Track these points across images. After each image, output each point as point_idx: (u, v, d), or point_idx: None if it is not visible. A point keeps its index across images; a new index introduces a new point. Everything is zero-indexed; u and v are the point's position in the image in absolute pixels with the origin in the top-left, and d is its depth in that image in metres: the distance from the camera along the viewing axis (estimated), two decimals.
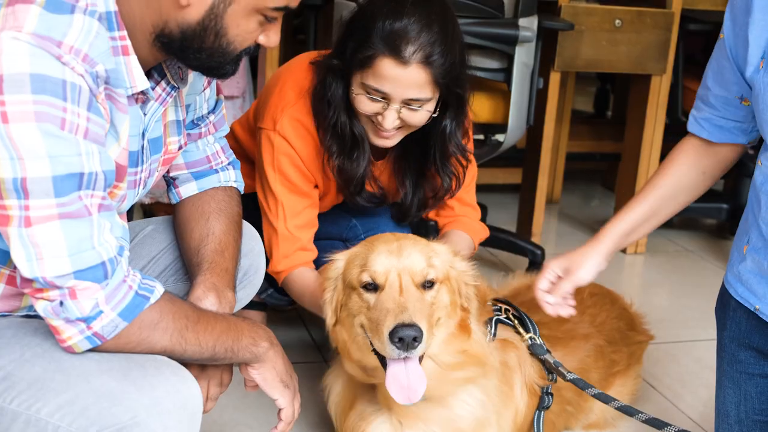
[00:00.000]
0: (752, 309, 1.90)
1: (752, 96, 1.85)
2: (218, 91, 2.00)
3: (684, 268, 3.71)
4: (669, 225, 4.37)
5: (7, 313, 1.67)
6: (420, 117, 2.24)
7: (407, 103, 2.20)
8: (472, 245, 2.58)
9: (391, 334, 1.80)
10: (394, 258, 1.93)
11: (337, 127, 2.31)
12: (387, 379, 1.88)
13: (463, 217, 2.59)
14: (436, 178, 2.47)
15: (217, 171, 2.01)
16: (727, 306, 2.01)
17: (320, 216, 2.52)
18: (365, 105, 2.22)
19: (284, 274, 2.40)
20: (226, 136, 2.76)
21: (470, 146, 2.56)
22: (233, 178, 2.04)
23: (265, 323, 2.83)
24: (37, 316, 1.55)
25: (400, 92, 2.17)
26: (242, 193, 2.08)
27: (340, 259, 2.04)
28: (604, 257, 2.09)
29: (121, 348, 1.55)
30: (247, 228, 2.09)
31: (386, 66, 2.15)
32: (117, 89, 1.55)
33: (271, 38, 1.64)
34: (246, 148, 2.63)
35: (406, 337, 1.79)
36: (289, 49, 4.36)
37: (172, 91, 1.73)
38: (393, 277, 1.91)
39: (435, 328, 1.94)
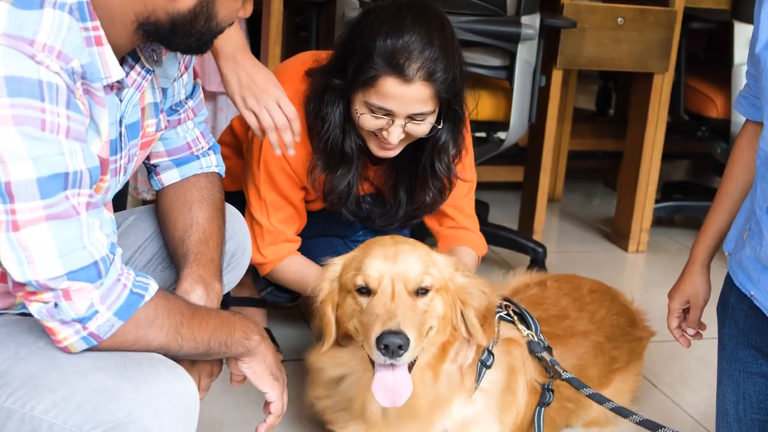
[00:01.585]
0: (748, 295, 1.90)
1: (757, 72, 1.88)
2: (195, 76, 1.97)
3: None
4: (671, 223, 4.39)
5: (2, 311, 1.66)
6: (424, 128, 2.25)
7: (411, 117, 2.20)
8: (477, 261, 2.58)
9: (378, 340, 1.81)
10: (389, 263, 1.93)
11: (329, 143, 2.30)
12: (374, 381, 1.89)
13: (468, 231, 2.58)
14: (422, 192, 2.46)
15: (198, 157, 1.98)
16: (726, 304, 2.02)
17: (319, 213, 2.52)
18: (369, 122, 2.22)
19: (272, 265, 2.42)
20: (224, 132, 2.78)
21: (468, 163, 2.55)
22: (214, 162, 2.02)
23: (266, 321, 2.83)
24: (32, 314, 1.54)
25: (404, 109, 2.17)
26: (223, 176, 2.06)
27: (337, 263, 2.04)
28: (707, 271, 2.17)
29: (118, 347, 1.53)
30: (231, 210, 2.08)
31: (390, 85, 2.14)
32: (94, 83, 1.52)
33: (248, 9, 1.64)
34: (244, 144, 2.63)
35: (391, 345, 1.80)
36: (290, 47, 4.36)
37: (147, 75, 1.70)
38: (386, 282, 1.91)
39: (425, 338, 1.93)
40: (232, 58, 2.07)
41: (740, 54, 3.67)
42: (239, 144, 2.66)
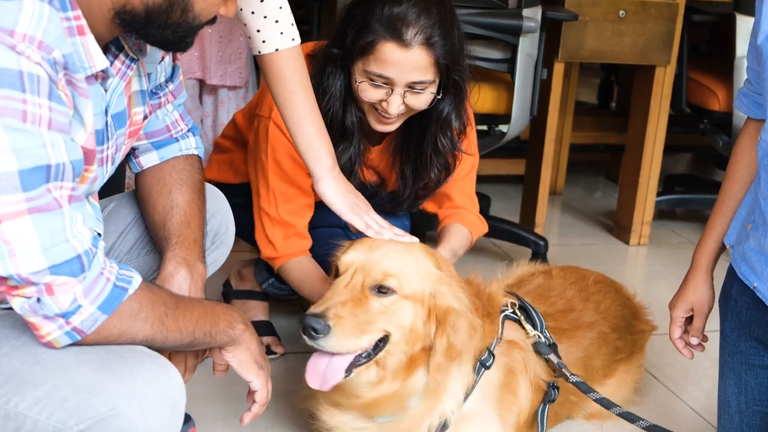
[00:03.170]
0: (751, 287, 1.90)
1: (759, 64, 1.87)
2: (174, 58, 1.95)
3: (687, 259, 3.69)
4: (672, 216, 4.39)
5: None
6: (424, 100, 2.25)
7: (411, 86, 2.21)
8: (471, 239, 2.57)
9: (303, 319, 1.83)
10: (363, 253, 1.93)
11: (328, 116, 2.31)
12: (309, 361, 1.90)
13: (463, 210, 2.58)
14: (427, 169, 2.46)
15: (177, 139, 1.97)
16: (728, 296, 2.01)
17: (320, 204, 2.52)
18: (369, 93, 2.23)
19: (282, 260, 2.40)
20: (226, 126, 2.77)
21: (473, 139, 2.55)
22: (194, 145, 2.00)
23: (267, 313, 2.83)
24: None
25: (403, 76, 2.18)
26: (203, 157, 2.06)
27: (345, 245, 2.06)
28: (710, 277, 2.13)
29: (102, 341, 1.52)
30: (212, 190, 2.07)
31: (388, 50, 2.16)
32: (76, 74, 1.50)
33: (230, 8, 1.62)
34: (247, 137, 2.63)
35: (306, 325, 1.81)
36: None
37: (132, 64, 1.68)
38: (351, 270, 1.91)
39: (390, 346, 1.90)
40: (330, 170, 2.10)
41: (742, 47, 3.66)
42: (242, 138, 2.66)
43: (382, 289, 1.89)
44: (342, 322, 1.83)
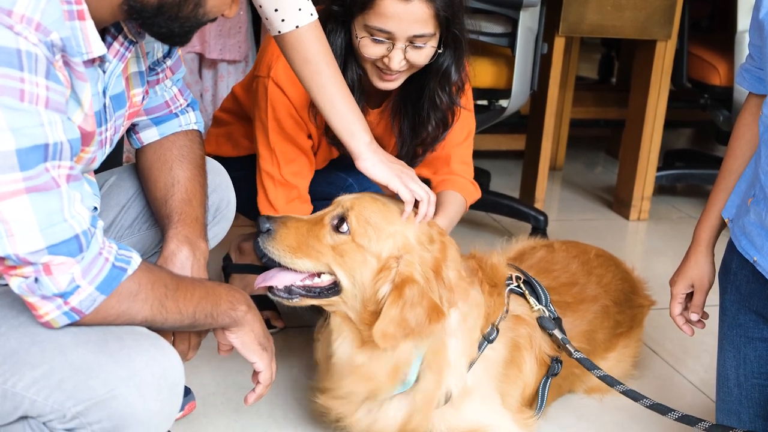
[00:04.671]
0: (751, 261, 1.90)
1: (761, 39, 1.87)
2: None
3: (687, 234, 3.71)
4: (672, 192, 4.39)
5: None
6: (425, 54, 2.24)
7: (412, 40, 2.20)
8: (465, 205, 2.57)
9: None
10: (350, 197, 1.99)
11: None
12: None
13: (458, 177, 2.57)
14: (424, 125, 2.45)
15: (177, 115, 1.96)
16: (728, 270, 2.02)
17: (316, 175, 2.51)
18: (370, 49, 2.22)
19: None
20: (225, 99, 2.76)
21: (469, 102, 2.54)
22: (193, 120, 2.00)
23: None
24: None
25: (404, 29, 2.18)
26: (203, 131, 2.06)
27: None
28: (711, 252, 2.13)
29: (101, 321, 1.52)
30: (212, 164, 2.07)
31: (388, 3, 2.15)
32: (73, 57, 1.49)
33: (232, 10, 1.62)
34: (247, 109, 2.62)
35: (255, 221, 1.93)
36: None
37: (131, 46, 1.67)
38: (332, 204, 2.00)
39: (344, 296, 1.92)
40: (368, 145, 2.09)
41: (744, 21, 3.65)
42: (241, 110, 2.65)
43: (338, 226, 1.94)
44: (285, 232, 1.93)
